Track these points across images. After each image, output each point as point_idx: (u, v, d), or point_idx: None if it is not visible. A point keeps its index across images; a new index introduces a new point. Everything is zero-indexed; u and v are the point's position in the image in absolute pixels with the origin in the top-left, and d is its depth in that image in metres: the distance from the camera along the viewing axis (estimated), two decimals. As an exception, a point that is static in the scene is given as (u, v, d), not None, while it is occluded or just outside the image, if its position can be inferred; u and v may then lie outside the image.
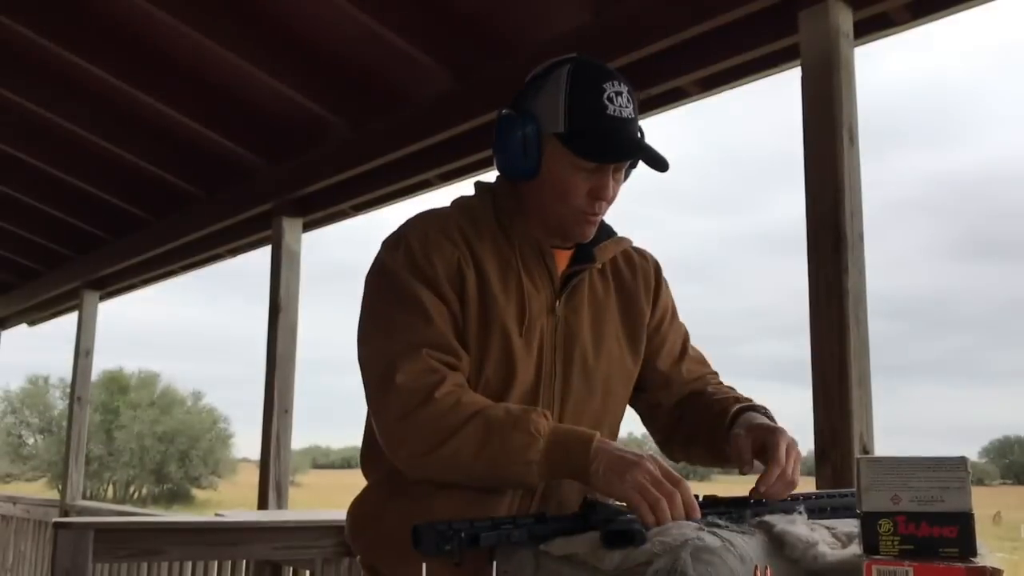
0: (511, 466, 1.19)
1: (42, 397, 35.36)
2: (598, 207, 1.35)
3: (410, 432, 1.23)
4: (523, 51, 2.73)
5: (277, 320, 3.78)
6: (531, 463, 1.18)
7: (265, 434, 3.72)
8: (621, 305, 1.44)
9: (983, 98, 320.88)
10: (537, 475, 1.19)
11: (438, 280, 1.30)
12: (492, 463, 1.20)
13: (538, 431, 1.19)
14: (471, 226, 1.36)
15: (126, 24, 3.31)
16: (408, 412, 1.23)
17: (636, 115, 1.35)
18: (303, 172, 3.70)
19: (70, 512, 5.12)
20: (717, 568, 0.92)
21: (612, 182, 1.34)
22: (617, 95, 1.33)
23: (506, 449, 1.18)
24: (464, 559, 1.02)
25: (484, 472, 1.22)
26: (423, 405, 1.22)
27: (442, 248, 1.32)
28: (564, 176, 1.32)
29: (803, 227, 2.02)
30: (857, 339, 1.91)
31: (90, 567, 2.33)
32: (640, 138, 1.35)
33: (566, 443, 1.19)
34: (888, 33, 2.15)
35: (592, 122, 1.31)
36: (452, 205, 1.43)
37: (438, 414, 1.21)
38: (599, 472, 1.15)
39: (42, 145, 4.41)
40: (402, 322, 1.28)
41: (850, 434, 1.86)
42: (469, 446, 1.20)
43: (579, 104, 1.31)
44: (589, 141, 1.31)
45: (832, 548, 1.02)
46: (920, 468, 0.96)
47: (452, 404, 1.22)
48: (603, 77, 1.34)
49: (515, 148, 1.34)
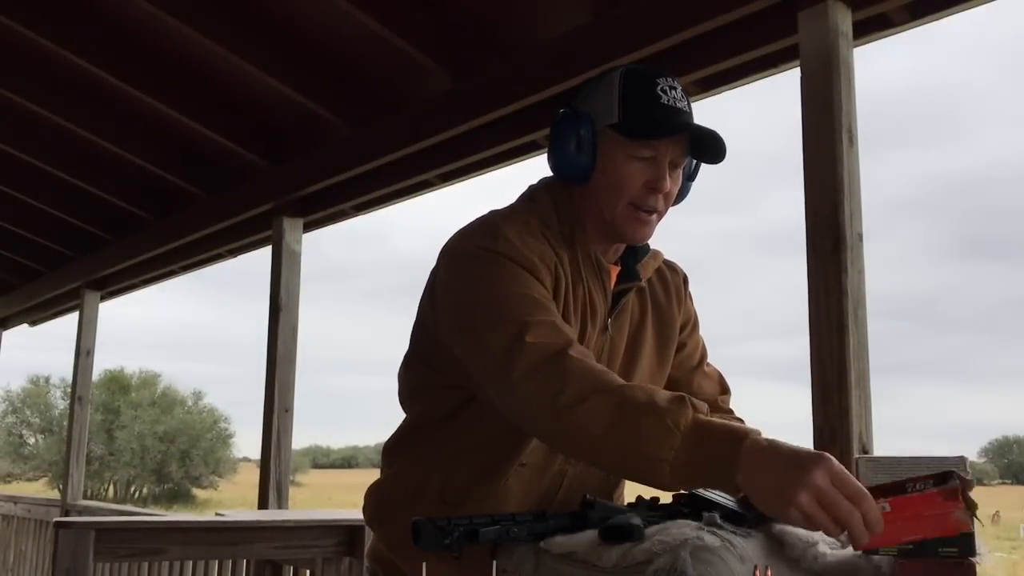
0: (639, 461, 1.06)
1: (43, 397, 35.35)
2: (654, 201, 1.32)
3: (540, 387, 1.12)
4: (523, 51, 2.73)
5: (277, 320, 3.78)
6: (661, 461, 1.03)
7: (265, 434, 3.72)
8: (655, 323, 1.43)
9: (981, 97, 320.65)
10: (670, 476, 1.04)
11: (541, 273, 1.26)
12: (620, 450, 1.07)
13: (676, 424, 1.03)
14: (548, 231, 1.34)
15: (126, 24, 3.31)
16: (538, 366, 1.13)
17: (691, 111, 1.35)
18: (303, 172, 3.70)
19: (71, 512, 5.12)
20: (717, 568, 0.92)
21: (668, 177, 1.32)
22: (671, 88, 1.34)
23: (636, 438, 1.05)
24: (464, 555, 1.02)
25: (612, 458, 1.10)
26: (555, 359, 1.13)
27: (542, 247, 1.29)
28: (619, 166, 1.32)
29: (802, 227, 2.03)
30: (856, 339, 1.91)
31: (91, 566, 2.33)
32: (689, 120, 1.34)
33: (709, 442, 1.03)
34: (887, 34, 2.15)
35: (646, 109, 1.31)
36: (523, 207, 1.37)
37: (569, 371, 1.11)
38: (753, 488, 0.99)
39: (42, 145, 4.41)
40: (517, 297, 1.21)
41: (849, 434, 1.86)
42: (599, 421, 1.07)
43: (632, 96, 1.33)
44: (642, 125, 1.31)
45: (832, 548, 1.02)
46: (919, 467, 0.96)
47: (586, 367, 1.12)
48: (657, 75, 1.36)
49: (570, 146, 1.34)
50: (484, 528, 1.03)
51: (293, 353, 3.80)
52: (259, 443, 3.76)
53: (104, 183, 4.65)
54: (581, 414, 1.08)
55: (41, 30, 3.28)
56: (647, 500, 1.14)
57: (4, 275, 6.57)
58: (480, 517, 1.05)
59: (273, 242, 3.89)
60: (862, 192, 2.01)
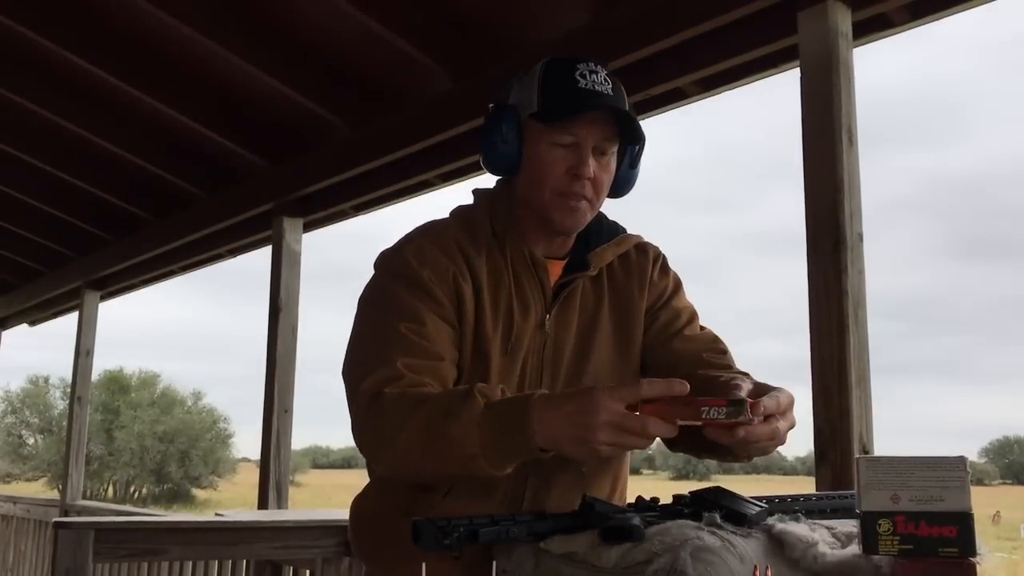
0: (460, 463, 1.11)
1: (42, 397, 35.33)
2: (579, 187, 1.30)
3: (364, 435, 1.21)
4: (523, 51, 2.73)
5: (277, 320, 3.78)
6: (474, 456, 1.09)
7: (265, 434, 3.72)
8: (613, 310, 1.40)
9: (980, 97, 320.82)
10: (488, 466, 1.10)
11: (434, 293, 1.27)
12: (442, 460, 1.13)
13: (472, 419, 1.10)
14: (469, 239, 1.34)
15: (126, 24, 3.31)
16: (362, 415, 1.21)
17: (618, 95, 1.32)
18: (303, 172, 3.70)
19: (70, 512, 5.12)
20: (717, 568, 0.92)
21: (593, 162, 1.30)
22: (591, 73, 1.32)
23: (448, 445, 1.11)
24: (463, 556, 1.02)
25: (440, 468, 1.16)
26: (373, 404, 1.19)
27: (438, 263, 1.30)
28: (541, 155, 1.31)
29: (802, 227, 2.03)
30: (856, 339, 1.91)
31: (90, 567, 2.33)
32: (609, 103, 1.30)
33: (502, 422, 1.09)
34: (887, 34, 2.15)
35: (563, 94, 1.30)
36: (451, 216, 1.41)
37: (382, 412, 1.18)
38: (558, 446, 1.06)
39: (42, 145, 4.41)
40: (384, 333, 1.25)
41: (849, 434, 1.86)
42: (416, 444, 1.14)
43: (551, 83, 1.32)
44: (557, 108, 1.30)
45: (832, 548, 1.02)
46: (919, 468, 0.96)
47: (395, 399, 1.17)
48: (578, 61, 1.33)
49: (494, 140, 1.34)
50: (484, 528, 1.03)
51: (293, 353, 3.80)
52: (259, 443, 3.76)
53: (104, 183, 4.65)
54: (401, 446, 1.15)
55: (41, 30, 3.28)
56: (647, 500, 1.14)
57: (4, 275, 6.57)
58: (480, 517, 1.05)
59: (273, 242, 3.89)
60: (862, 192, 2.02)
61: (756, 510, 1.06)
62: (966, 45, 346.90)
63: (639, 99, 2.55)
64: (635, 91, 2.52)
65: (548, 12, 2.63)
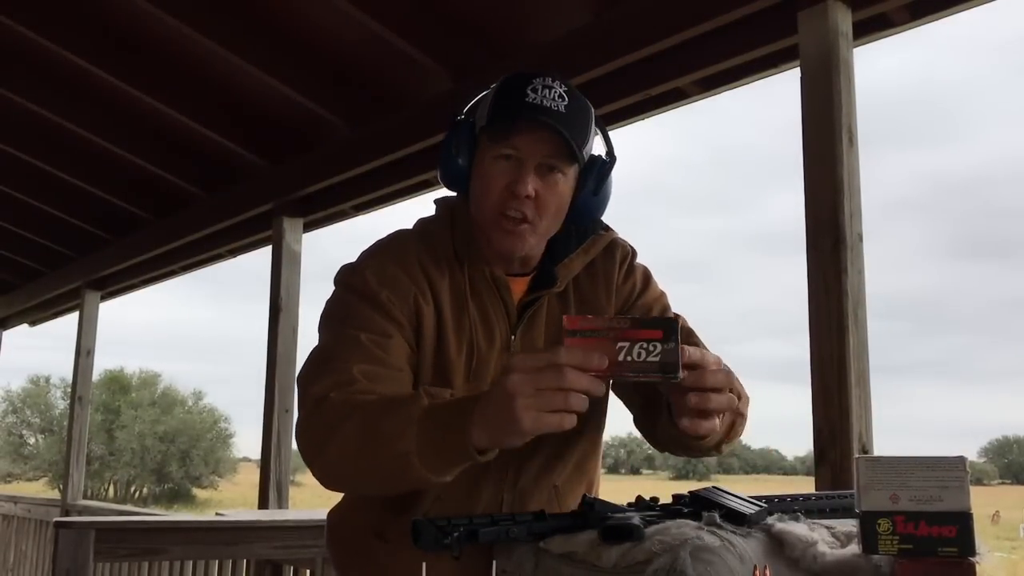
0: (391, 461, 1.06)
1: (43, 397, 35.37)
2: (517, 205, 1.23)
3: (302, 437, 1.17)
4: (523, 51, 2.73)
5: (277, 320, 3.79)
6: (407, 454, 1.04)
7: (266, 434, 3.72)
8: None
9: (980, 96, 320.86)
10: (420, 465, 1.04)
11: (392, 313, 1.23)
12: (374, 458, 1.08)
13: (411, 417, 1.05)
14: (430, 257, 1.29)
15: (127, 24, 3.31)
16: (302, 418, 1.18)
17: (571, 114, 1.24)
18: (303, 172, 3.70)
19: (71, 512, 5.12)
20: (716, 567, 0.92)
21: (539, 182, 1.23)
22: (545, 88, 1.24)
23: (383, 442, 1.06)
24: (463, 556, 1.02)
25: (371, 468, 1.10)
26: (316, 408, 1.15)
27: (398, 283, 1.25)
28: (485, 169, 1.25)
29: (802, 227, 2.03)
30: (856, 339, 1.91)
31: (91, 566, 2.33)
32: (563, 126, 1.22)
33: (441, 420, 1.04)
34: (887, 34, 2.15)
35: (509, 109, 1.23)
36: (414, 230, 1.36)
37: (323, 415, 1.14)
38: (491, 438, 1.00)
39: (42, 145, 4.41)
40: (343, 341, 1.21)
41: (849, 434, 1.86)
42: (352, 442, 1.09)
43: (502, 97, 1.26)
44: (498, 120, 1.24)
45: (831, 548, 1.02)
46: (919, 467, 0.96)
47: (340, 403, 1.13)
48: (535, 75, 1.26)
49: (446, 153, 1.30)
50: (484, 528, 1.03)
51: (293, 353, 3.80)
52: (259, 443, 3.76)
53: (104, 183, 4.65)
54: (337, 445, 1.11)
55: (41, 30, 3.28)
56: (647, 500, 1.13)
57: (4, 275, 6.57)
58: (480, 517, 1.05)
59: (273, 242, 3.89)
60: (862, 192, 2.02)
61: (756, 510, 1.06)
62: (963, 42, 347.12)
63: (639, 99, 2.55)
64: (635, 91, 2.52)
65: (548, 12, 2.63)
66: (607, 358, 0.95)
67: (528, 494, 1.31)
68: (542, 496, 1.31)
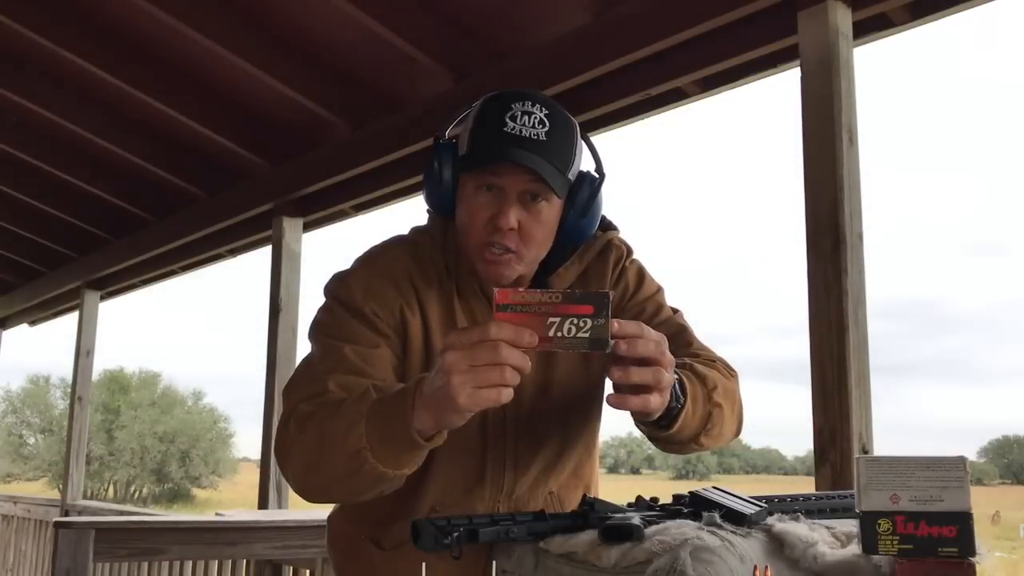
0: (348, 461, 1.05)
1: (43, 397, 35.35)
2: (499, 238, 1.21)
3: (277, 447, 1.17)
4: (523, 51, 2.73)
5: (277, 320, 3.79)
6: (361, 450, 1.03)
7: (265, 434, 3.72)
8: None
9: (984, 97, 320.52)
10: (377, 460, 1.04)
11: (378, 326, 1.23)
12: (332, 458, 1.07)
13: (360, 413, 1.04)
14: (419, 270, 1.29)
15: (127, 25, 3.31)
16: (278, 429, 1.18)
17: (553, 141, 1.21)
18: (303, 172, 3.70)
19: (71, 512, 5.12)
20: (716, 567, 0.92)
21: (523, 212, 1.21)
22: (525, 115, 1.20)
23: (340, 440, 1.05)
24: (463, 556, 1.02)
25: (329, 469, 1.09)
26: (284, 422, 1.16)
27: (385, 296, 1.25)
28: (468, 199, 1.24)
29: (803, 227, 2.03)
30: (856, 339, 1.91)
31: (91, 566, 2.33)
32: (542, 159, 1.19)
33: (385, 411, 1.04)
34: (888, 33, 2.15)
35: (488, 139, 1.21)
36: (405, 240, 1.35)
37: (289, 427, 1.14)
38: (431, 418, 1.00)
39: (43, 145, 4.41)
40: (326, 353, 1.21)
41: (849, 434, 1.86)
42: (311, 453, 1.09)
43: (481, 125, 1.23)
44: (480, 155, 1.21)
45: (832, 548, 1.02)
46: (919, 467, 0.96)
47: (304, 414, 1.13)
48: (518, 98, 1.22)
49: (430, 178, 1.28)
50: (484, 528, 1.03)
51: (293, 353, 3.80)
52: (259, 443, 3.76)
53: (104, 183, 4.65)
54: (299, 456, 1.11)
55: (42, 31, 3.28)
56: (647, 500, 1.13)
57: (4, 275, 6.57)
58: (480, 517, 1.05)
59: (273, 242, 3.89)
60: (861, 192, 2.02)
61: (756, 510, 1.07)
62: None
63: (639, 99, 2.55)
64: (635, 91, 2.52)
65: (548, 12, 2.62)
66: (536, 334, 0.95)
67: (524, 502, 1.31)
68: (538, 504, 1.32)
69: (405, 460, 1.06)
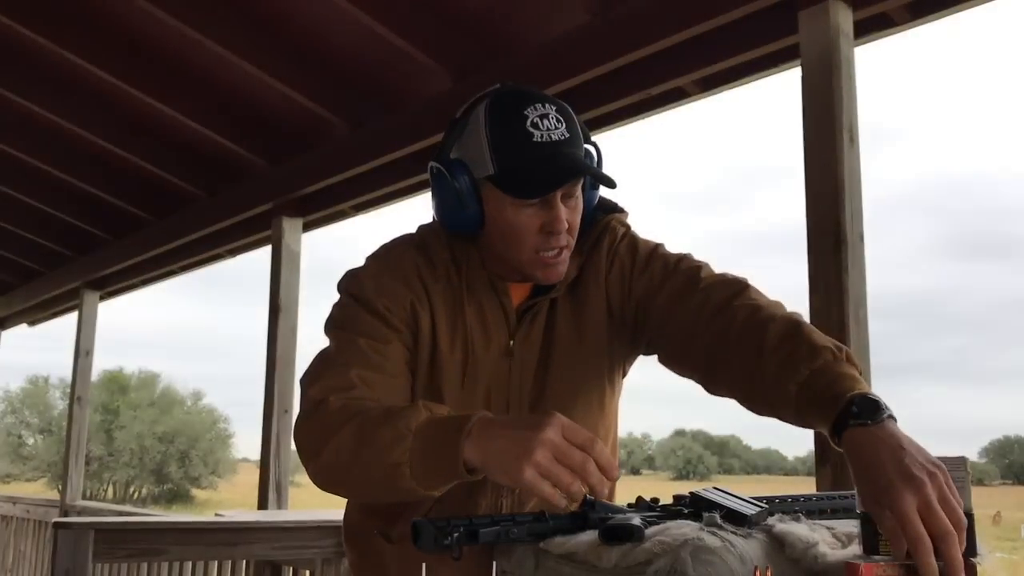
0: (382, 472, 1.06)
1: (42, 397, 35.34)
2: (555, 241, 1.22)
3: (301, 438, 1.18)
4: (523, 51, 2.73)
5: (277, 320, 3.79)
6: (400, 465, 1.04)
7: (265, 434, 3.72)
8: (575, 322, 1.32)
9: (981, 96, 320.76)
10: (410, 477, 1.05)
11: (391, 321, 1.25)
12: (367, 467, 1.08)
13: (408, 428, 1.05)
14: (427, 265, 1.30)
15: (127, 24, 3.31)
16: (301, 420, 1.19)
17: (573, 134, 1.21)
18: (303, 172, 3.70)
19: (70, 512, 5.12)
20: (717, 568, 0.92)
21: (565, 209, 1.22)
22: (542, 118, 1.19)
23: (377, 451, 1.06)
24: (463, 557, 1.02)
25: (363, 478, 1.11)
26: (314, 410, 1.16)
27: (396, 292, 1.27)
28: (510, 219, 1.22)
29: (803, 226, 2.02)
30: (857, 339, 1.91)
31: (90, 567, 2.33)
32: (580, 157, 1.22)
33: (437, 434, 1.03)
34: (888, 33, 2.15)
35: (519, 155, 1.19)
36: (414, 236, 1.35)
37: (320, 417, 1.15)
38: (487, 459, 0.99)
39: (42, 145, 4.41)
40: (343, 346, 1.24)
41: (850, 434, 1.85)
42: (346, 449, 1.10)
43: (501, 139, 1.20)
44: (520, 177, 1.19)
45: (832, 548, 1.02)
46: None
47: (339, 408, 1.14)
48: (523, 102, 1.20)
49: (452, 202, 1.24)
50: (484, 529, 1.02)
51: (293, 354, 3.80)
52: (259, 444, 3.76)
53: (104, 183, 4.65)
54: (332, 449, 1.11)
55: (41, 30, 3.28)
56: (647, 500, 1.13)
57: (4, 275, 6.57)
58: (480, 517, 1.05)
59: (273, 242, 3.89)
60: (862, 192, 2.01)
61: (756, 510, 1.06)
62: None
63: (639, 99, 2.55)
64: (635, 91, 2.52)
65: (548, 12, 2.62)
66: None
67: (528, 498, 1.30)
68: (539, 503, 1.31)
69: (440, 484, 1.07)
